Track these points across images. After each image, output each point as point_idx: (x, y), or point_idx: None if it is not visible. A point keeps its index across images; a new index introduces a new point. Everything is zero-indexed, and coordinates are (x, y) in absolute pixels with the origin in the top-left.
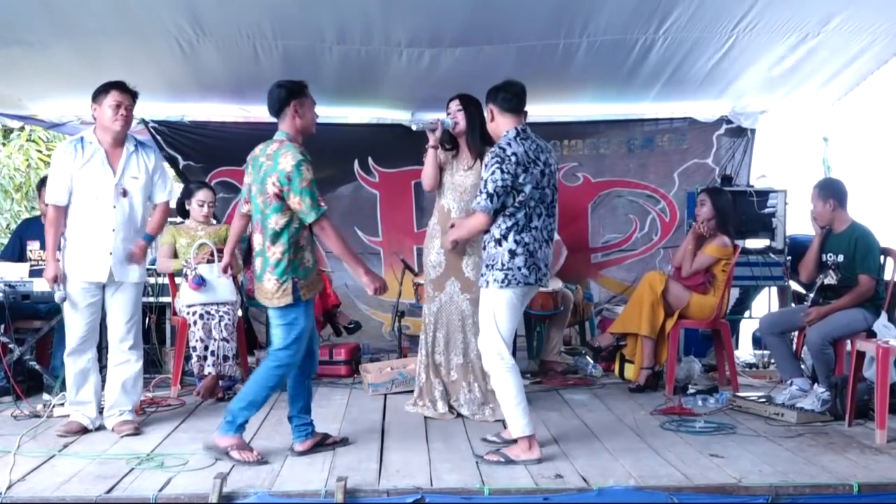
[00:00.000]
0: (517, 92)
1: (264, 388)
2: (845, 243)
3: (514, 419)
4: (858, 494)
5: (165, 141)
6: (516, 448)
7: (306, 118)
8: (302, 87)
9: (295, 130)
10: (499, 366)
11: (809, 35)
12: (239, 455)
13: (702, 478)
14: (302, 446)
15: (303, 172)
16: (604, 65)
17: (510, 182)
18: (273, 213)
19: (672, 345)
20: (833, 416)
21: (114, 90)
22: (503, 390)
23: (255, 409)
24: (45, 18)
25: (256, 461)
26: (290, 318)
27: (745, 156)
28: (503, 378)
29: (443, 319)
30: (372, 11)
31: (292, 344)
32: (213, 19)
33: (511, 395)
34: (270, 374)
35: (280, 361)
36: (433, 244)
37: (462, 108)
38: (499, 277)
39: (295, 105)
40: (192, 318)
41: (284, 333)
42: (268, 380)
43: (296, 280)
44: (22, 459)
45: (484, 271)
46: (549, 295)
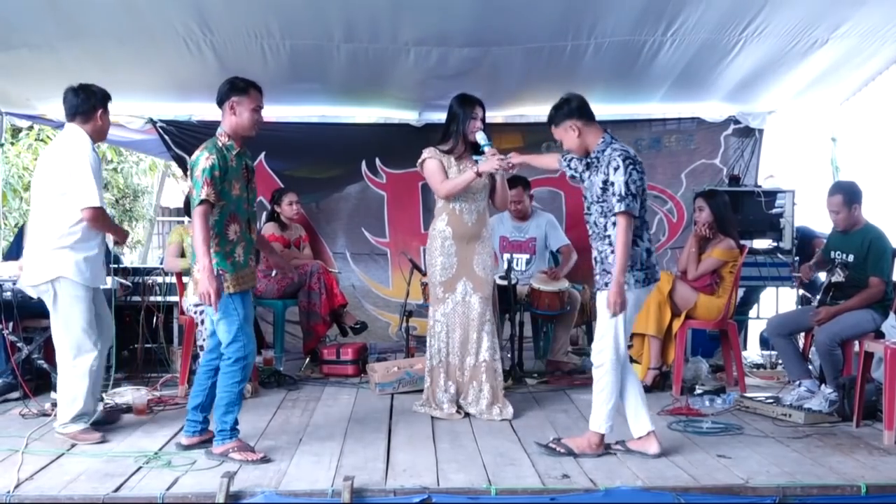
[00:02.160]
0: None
1: (233, 387)
2: (857, 243)
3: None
4: (866, 495)
5: (173, 140)
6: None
7: (242, 118)
8: (245, 84)
9: (229, 127)
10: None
11: (818, 41)
12: (241, 456)
13: (709, 478)
14: (188, 441)
15: (199, 162)
16: (612, 66)
17: (641, 185)
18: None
19: (679, 345)
20: (841, 417)
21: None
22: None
23: (237, 408)
24: (53, 21)
25: (259, 460)
26: (226, 309)
27: (753, 156)
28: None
29: (456, 320)
30: (380, 10)
31: (238, 335)
32: (220, 19)
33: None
34: (230, 371)
35: (234, 356)
36: (444, 246)
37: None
38: (640, 277)
39: (232, 102)
40: (200, 317)
41: (226, 326)
42: (232, 377)
43: (221, 272)
44: (30, 458)
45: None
46: (557, 295)
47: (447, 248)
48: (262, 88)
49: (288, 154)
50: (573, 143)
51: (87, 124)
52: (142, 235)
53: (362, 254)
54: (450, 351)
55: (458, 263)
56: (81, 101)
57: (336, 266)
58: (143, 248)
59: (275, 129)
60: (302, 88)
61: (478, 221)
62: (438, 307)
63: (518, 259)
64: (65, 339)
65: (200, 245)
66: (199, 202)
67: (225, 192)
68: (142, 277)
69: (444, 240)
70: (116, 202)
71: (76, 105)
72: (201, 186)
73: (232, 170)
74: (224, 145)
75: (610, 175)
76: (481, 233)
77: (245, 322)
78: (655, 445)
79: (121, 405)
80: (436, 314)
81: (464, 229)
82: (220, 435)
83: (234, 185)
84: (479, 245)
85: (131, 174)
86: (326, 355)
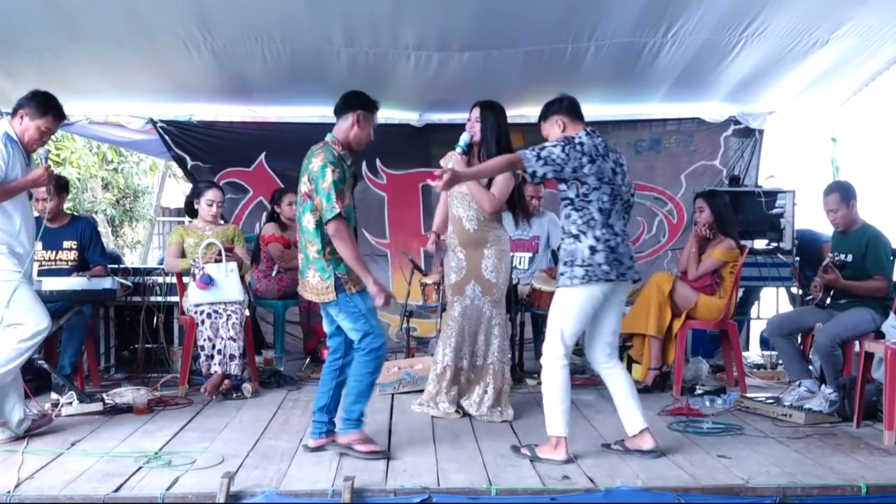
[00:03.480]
0: (576, 102)
1: (365, 377)
2: (855, 243)
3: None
4: (867, 496)
5: (173, 141)
6: (547, 446)
7: (363, 133)
8: (373, 103)
9: (345, 138)
10: (553, 363)
11: (819, 42)
12: (363, 448)
13: (709, 479)
14: (314, 443)
15: (326, 175)
16: (612, 68)
17: (564, 165)
18: (306, 212)
19: (680, 345)
20: (841, 418)
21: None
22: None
23: (366, 400)
24: (55, 24)
25: (381, 453)
26: (351, 307)
27: (754, 156)
28: (553, 375)
29: (465, 323)
30: (380, 15)
31: (367, 328)
32: (221, 22)
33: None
34: (365, 360)
35: (369, 346)
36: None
37: (479, 119)
38: (579, 274)
39: (360, 115)
40: (200, 317)
41: (354, 324)
42: (366, 366)
43: (338, 276)
44: (30, 458)
45: (563, 269)
46: None
47: (456, 252)
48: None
49: (288, 154)
50: (557, 138)
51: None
52: (142, 236)
53: (363, 255)
54: (458, 354)
55: (468, 267)
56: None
57: None
58: (144, 248)
59: (275, 129)
60: (302, 89)
61: (479, 228)
62: (449, 311)
63: (521, 258)
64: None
65: (354, 260)
66: (334, 216)
67: None
68: (142, 277)
69: (454, 246)
70: (117, 202)
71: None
72: (333, 201)
73: (346, 179)
74: (340, 155)
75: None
76: (487, 238)
77: (370, 315)
78: (650, 441)
79: (121, 405)
80: (447, 318)
81: (465, 236)
82: (346, 424)
83: (346, 194)
84: (488, 249)
85: (132, 174)
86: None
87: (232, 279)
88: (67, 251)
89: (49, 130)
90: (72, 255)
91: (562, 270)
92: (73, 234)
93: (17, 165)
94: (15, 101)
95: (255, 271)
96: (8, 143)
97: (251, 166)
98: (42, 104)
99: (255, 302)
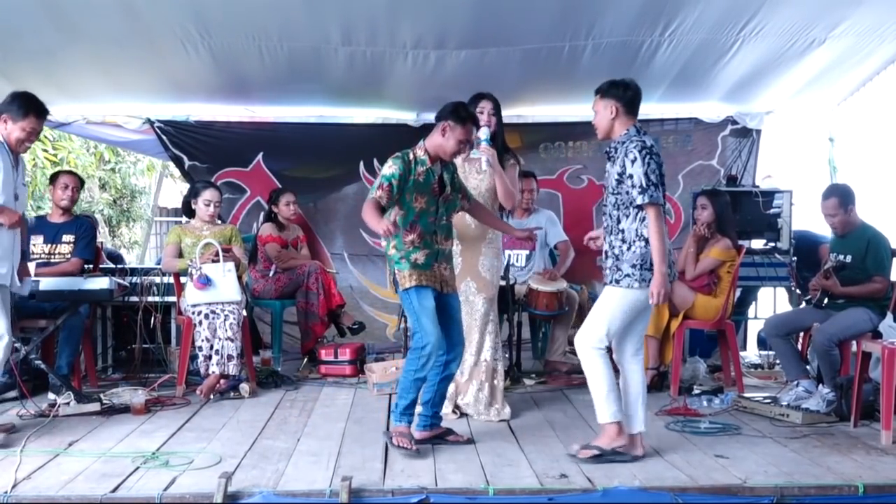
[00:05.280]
0: (639, 97)
1: (408, 373)
2: (855, 244)
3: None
4: (864, 495)
5: (171, 141)
6: (605, 437)
7: (448, 143)
8: (466, 116)
9: (432, 146)
10: (591, 352)
11: (816, 41)
12: (397, 441)
13: (707, 478)
14: (420, 435)
15: (384, 168)
16: (609, 67)
17: (660, 173)
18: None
19: (677, 345)
20: (838, 417)
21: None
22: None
23: (410, 394)
24: (52, 25)
25: (414, 451)
26: (407, 303)
27: (751, 156)
28: (595, 364)
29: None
30: (377, 13)
31: (416, 326)
32: (218, 22)
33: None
34: (411, 358)
35: (416, 344)
36: None
37: (493, 113)
38: (648, 277)
39: (446, 125)
40: (198, 317)
41: (411, 318)
42: (411, 363)
43: (396, 272)
44: (27, 458)
45: (629, 270)
46: (554, 295)
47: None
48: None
49: (286, 154)
50: (604, 121)
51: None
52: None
53: (360, 254)
54: None
55: (463, 264)
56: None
57: (334, 266)
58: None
59: (272, 130)
60: (300, 89)
61: (481, 224)
62: None
63: (518, 255)
64: None
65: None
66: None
67: (405, 202)
68: (140, 278)
69: None
70: (114, 202)
71: None
72: (376, 188)
73: (418, 183)
74: (416, 158)
75: (627, 167)
76: (486, 234)
77: (422, 314)
78: (639, 448)
79: (118, 405)
80: None
81: (466, 231)
82: (393, 415)
83: (417, 197)
84: (485, 247)
85: (129, 174)
86: (324, 356)
87: (229, 279)
88: (65, 245)
89: (34, 130)
90: (67, 250)
91: (627, 272)
92: (72, 229)
93: (8, 170)
94: None
95: (252, 271)
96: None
97: (249, 166)
98: (22, 105)
99: (253, 302)
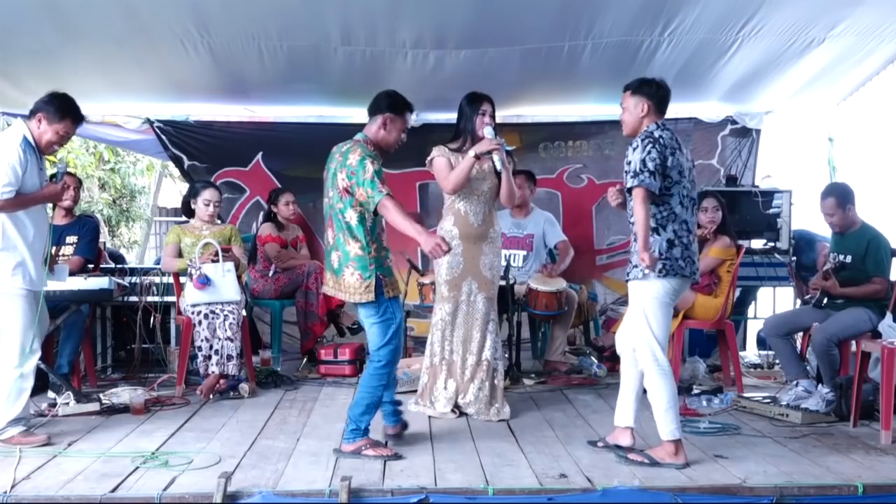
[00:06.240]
0: (669, 96)
1: (377, 389)
2: (855, 244)
3: (666, 421)
4: (863, 495)
5: (170, 141)
6: (661, 451)
7: (391, 136)
8: (404, 105)
9: (374, 138)
10: (652, 368)
11: (815, 41)
12: (374, 452)
13: (706, 478)
14: (393, 430)
15: (366, 166)
16: (609, 66)
17: (660, 162)
18: (347, 208)
19: (676, 345)
20: (838, 417)
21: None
22: (656, 389)
23: (375, 410)
24: (51, 25)
25: (392, 455)
26: (387, 315)
27: (750, 156)
28: (657, 378)
29: (460, 319)
30: (377, 13)
31: (392, 339)
32: (218, 21)
33: (663, 400)
34: (377, 374)
35: (384, 359)
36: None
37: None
38: (657, 267)
39: (387, 117)
40: (197, 317)
41: (381, 330)
42: (379, 379)
43: (380, 277)
44: (27, 458)
45: (636, 261)
46: (554, 295)
47: (454, 247)
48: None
49: (285, 154)
50: (633, 117)
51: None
52: (139, 236)
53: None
54: (453, 349)
55: (465, 263)
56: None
57: None
58: (141, 248)
59: (272, 129)
60: (299, 89)
61: (484, 222)
62: (443, 305)
63: (516, 256)
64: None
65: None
66: (384, 196)
67: None
68: (139, 277)
69: (451, 239)
70: (114, 202)
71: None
72: (378, 186)
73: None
74: (374, 152)
75: (628, 155)
76: (488, 233)
77: (400, 327)
78: (628, 439)
79: (118, 405)
80: (440, 312)
81: (469, 230)
82: (352, 433)
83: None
84: (486, 245)
85: (128, 174)
86: (324, 355)
87: (229, 279)
88: (69, 246)
89: (67, 134)
90: (71, 251)
91: (635, 262)
92: (75, 230)
93: (34, 172)
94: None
95: (251, 271)
96: (26, 148)
97: (248, 166)
98: (60, 108)
99: (252, 302)
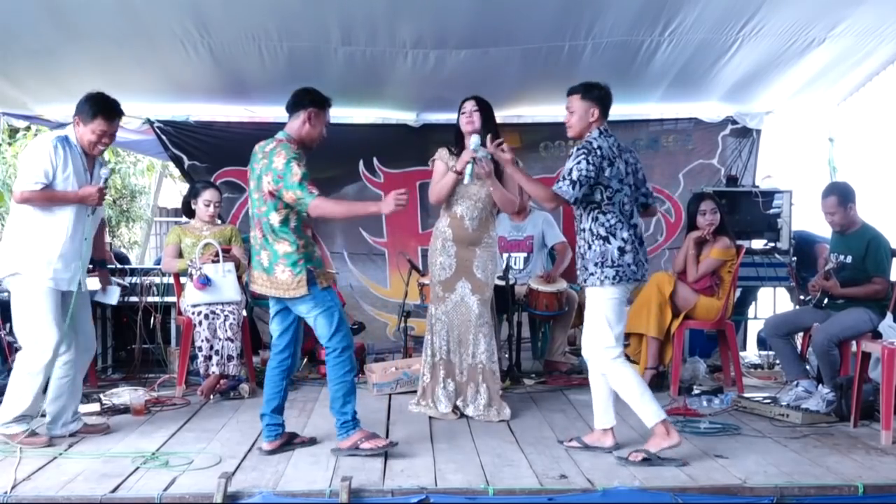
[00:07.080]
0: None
1: (346, 377)
2: (855, 244)
3: (644, 408)
4: (863, 495)
5: (171, 141)
6: (655, 439)
7: (315, 131)
8: (325, 100)
9: (298, 135)
10: (610, 366)
11: (815, 41)
12: (370, 444)
13: (706, 478)
14: (270, 445)
15: (293, 169)
16: (609, 67)
17: (594, 174)
18: (270, 211)
19: (677, 345)
20: (838, 417)
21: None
22: (623, 385)
23: (353, 398)
24: (51, 25)
25: (388, 445)
26: (327, 303)
27: (751, 156)
28: (619, 373)
29: (454, 320)
30: (377, 13)
31: (340, 326)
32: (218, 21)
33: (633, 387)
34: (340, 362)
35: (339, 346)
36: (444, 247)
37: (477, 109)
38: (610, 275)
39: (311, 112)
40: (198, 317)
41: (326, 320)
42: (342, 367)
43: (311, 269)
44: (27, 458)
45: (593, 269)
46: (554, 295)
47: (447, 248)
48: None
49: None
50: (581, 122)
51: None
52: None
53: (360, 254)
54: (450, 349)
55: (458, 264)
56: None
57: (334, 266)
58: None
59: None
60: None
61: (479, 227)
62: (439, 305)
63: (516, 258)
64: (21, 335)
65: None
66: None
67: None
68: (139, 278)
69: (445, 240)
70: (114, 202)
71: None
72: (307, 187)
73: None
74: (298, 152)
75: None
76: (482, 238)
77: (343, 313)
78: (611, 440)
79: (118, 405)
80: (437, 312)
81: (463, 234)
82: (343, 428)
83: None
84: (480, 249)
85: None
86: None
87: (229, 279)
88: None
89: (104, 132)
90: None
91: (591, 271)
92: None
93: (72, 170)
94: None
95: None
96: (64, 145)
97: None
98: (91, 107)
99: (253, 302)
